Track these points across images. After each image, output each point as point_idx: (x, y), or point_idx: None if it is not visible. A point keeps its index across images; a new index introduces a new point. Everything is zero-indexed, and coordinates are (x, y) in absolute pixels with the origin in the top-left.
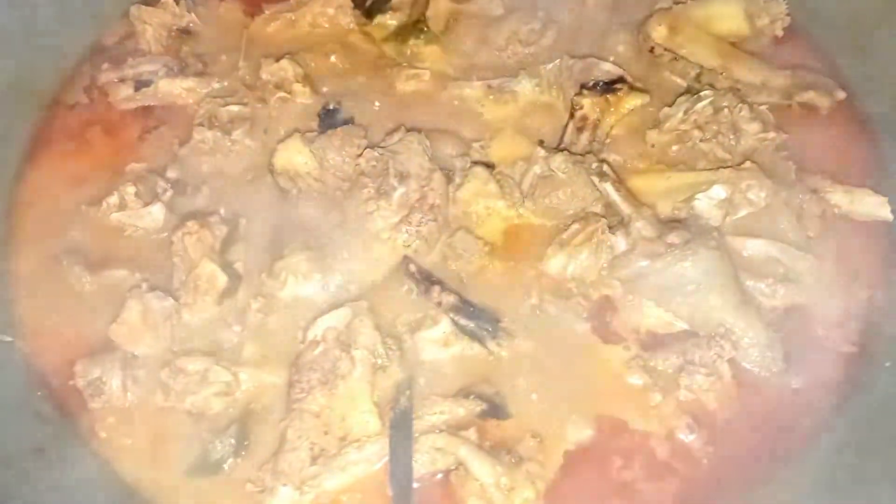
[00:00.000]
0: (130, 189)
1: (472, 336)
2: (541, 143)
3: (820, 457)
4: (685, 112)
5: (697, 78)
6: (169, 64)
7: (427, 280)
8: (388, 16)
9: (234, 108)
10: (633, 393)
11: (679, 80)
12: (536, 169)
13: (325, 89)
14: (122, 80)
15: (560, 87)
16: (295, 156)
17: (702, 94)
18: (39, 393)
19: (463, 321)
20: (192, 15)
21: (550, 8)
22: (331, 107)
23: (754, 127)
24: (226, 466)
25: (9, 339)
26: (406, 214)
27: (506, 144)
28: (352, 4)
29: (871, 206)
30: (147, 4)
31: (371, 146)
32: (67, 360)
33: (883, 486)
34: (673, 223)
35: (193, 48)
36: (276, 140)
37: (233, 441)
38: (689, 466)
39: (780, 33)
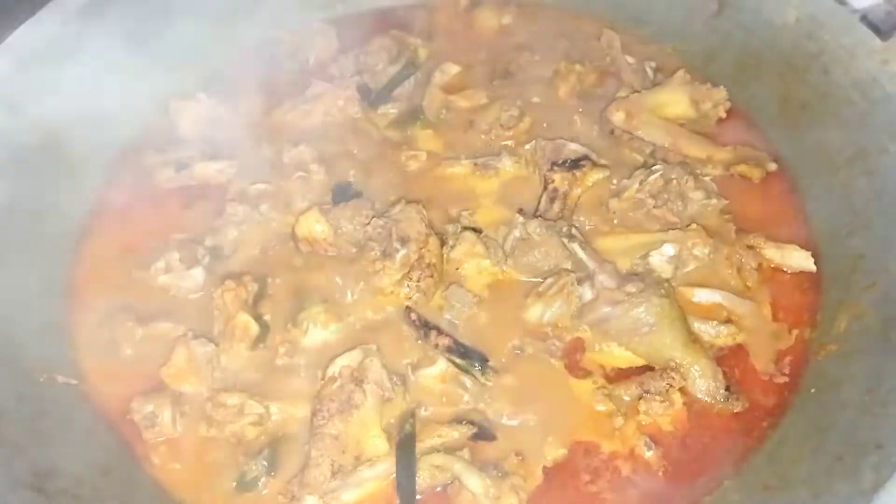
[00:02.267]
0: (175, 255)
1: (465, 372)
2: (520, 210)
3: (756, 467)
4: (640, 183)
5: (652, 154)
6: (203, 149)
7: (426, 326)
8: (389, 106)
9: (261, 186)
10: (600, 418)
11: (636, 156)
12: (516, 233)
13: (337, 169)
14: (164, 164)
15: (535, 164)
16: (313, 225)
17: (654, 168)
18: (102, 426)
19: (456, 360)
20: (223, 107)
21: (527, 98)
22: (342, 183)
23: (698, 195)
24: (259, 485)
25: (75, 382)
26: (407, 272)
27: (490, 212)
28: (358, 97)
29: (798, 259)
30: (184, 99)
31: (377, 216)
32: (125, 398)
33: (804, 489)
34: (631, 276)
35: (224, 135)
36: (297, 212)
37: (265, 463)
38: (647, 479)
39: (723, 115)
